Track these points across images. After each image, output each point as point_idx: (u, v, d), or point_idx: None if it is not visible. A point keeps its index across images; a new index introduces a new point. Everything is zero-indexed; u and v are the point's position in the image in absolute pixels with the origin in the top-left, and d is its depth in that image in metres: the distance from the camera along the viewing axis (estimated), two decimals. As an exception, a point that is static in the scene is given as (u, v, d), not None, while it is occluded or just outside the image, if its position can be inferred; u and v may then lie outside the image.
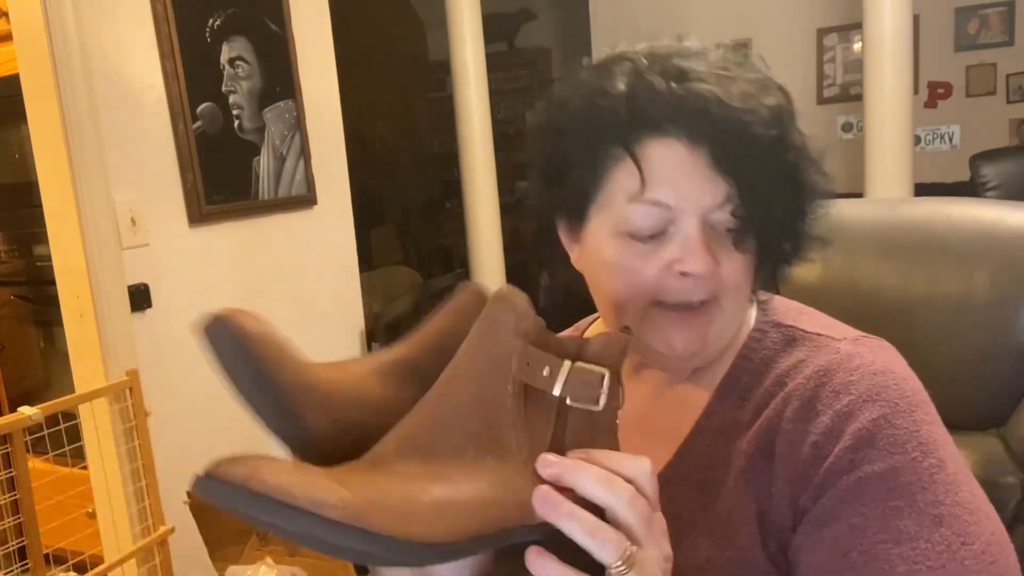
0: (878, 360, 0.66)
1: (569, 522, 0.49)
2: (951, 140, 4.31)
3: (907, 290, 0.89)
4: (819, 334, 0.71)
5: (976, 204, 0.93)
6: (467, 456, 0.50)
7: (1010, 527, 0.84)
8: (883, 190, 3.11)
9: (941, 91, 4.33)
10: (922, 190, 3.48)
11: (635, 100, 0.66)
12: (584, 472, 0.50)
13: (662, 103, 0.65)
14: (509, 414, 0.51)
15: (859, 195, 3.29)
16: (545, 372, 0.52)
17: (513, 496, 0.50)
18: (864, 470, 0.60)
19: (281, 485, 0.43)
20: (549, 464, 0.51)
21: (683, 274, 0.66)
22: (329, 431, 0.52)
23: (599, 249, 0.70)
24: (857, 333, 0.71)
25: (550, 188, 0.73)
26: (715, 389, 0.72)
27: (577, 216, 0.72)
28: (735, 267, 0.67)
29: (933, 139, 4.34)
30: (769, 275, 0.74)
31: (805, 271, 0.93)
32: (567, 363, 0.53)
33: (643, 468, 0.53)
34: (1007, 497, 0.84)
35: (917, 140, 4.11)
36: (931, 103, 4.34)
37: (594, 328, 0.86)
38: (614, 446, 0.55)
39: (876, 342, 0.70)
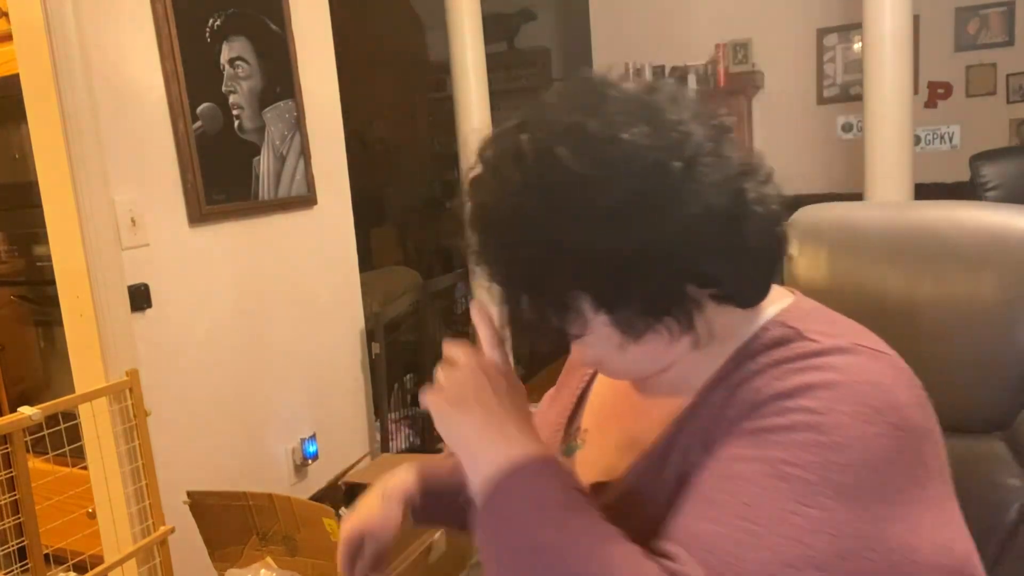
0: (857, 364, 0.62)
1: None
2: (951, 140, 4.31)
3: (913, 292, 0.88)
4: (813, 337, 0.65)
5: (983, 208, 0.92)
6: None
7: (1014, 529, 0.84)
8: (883, 190, 3.10)
9: (941, 91, 4.32)
10: (922, 190, 3.47)
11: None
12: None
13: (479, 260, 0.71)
14: None
15: (859, 195, 3.29)
16: None
17: None
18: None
19: None
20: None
21: None
22: None
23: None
24: (865, 341, 0.65)
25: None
26: (704, 383, 0.69)
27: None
28: (633, 355, 0.69)
29: (933, 139, 4.33)
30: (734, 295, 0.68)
31: (811, 273, 0.93)
32: None
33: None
34: (1010, 499, 0.84)
35: (917, 140, 4.10)
36: (931, 103, 4.34)
37: None
38: None
39: (871, 351, 0.64)
